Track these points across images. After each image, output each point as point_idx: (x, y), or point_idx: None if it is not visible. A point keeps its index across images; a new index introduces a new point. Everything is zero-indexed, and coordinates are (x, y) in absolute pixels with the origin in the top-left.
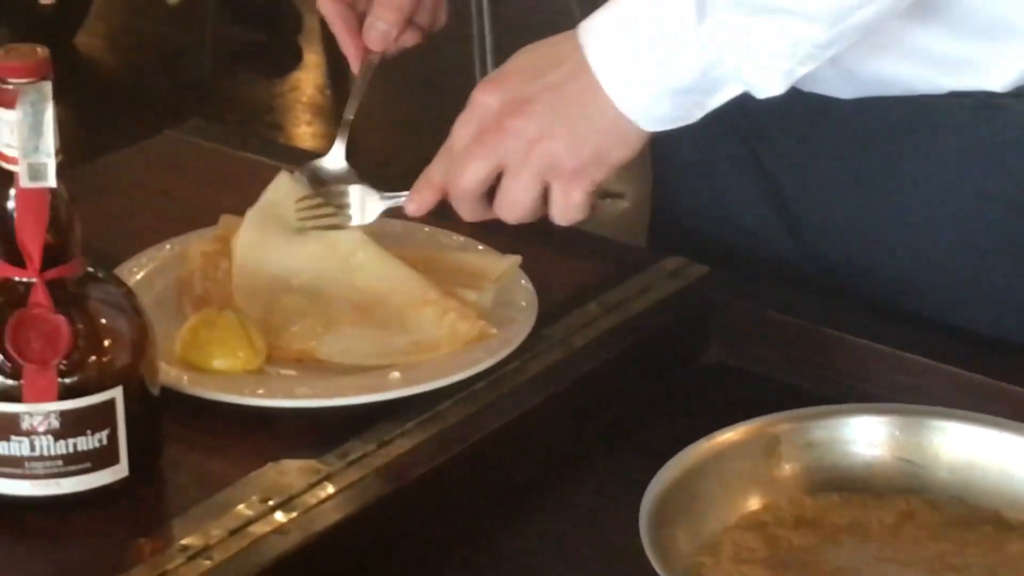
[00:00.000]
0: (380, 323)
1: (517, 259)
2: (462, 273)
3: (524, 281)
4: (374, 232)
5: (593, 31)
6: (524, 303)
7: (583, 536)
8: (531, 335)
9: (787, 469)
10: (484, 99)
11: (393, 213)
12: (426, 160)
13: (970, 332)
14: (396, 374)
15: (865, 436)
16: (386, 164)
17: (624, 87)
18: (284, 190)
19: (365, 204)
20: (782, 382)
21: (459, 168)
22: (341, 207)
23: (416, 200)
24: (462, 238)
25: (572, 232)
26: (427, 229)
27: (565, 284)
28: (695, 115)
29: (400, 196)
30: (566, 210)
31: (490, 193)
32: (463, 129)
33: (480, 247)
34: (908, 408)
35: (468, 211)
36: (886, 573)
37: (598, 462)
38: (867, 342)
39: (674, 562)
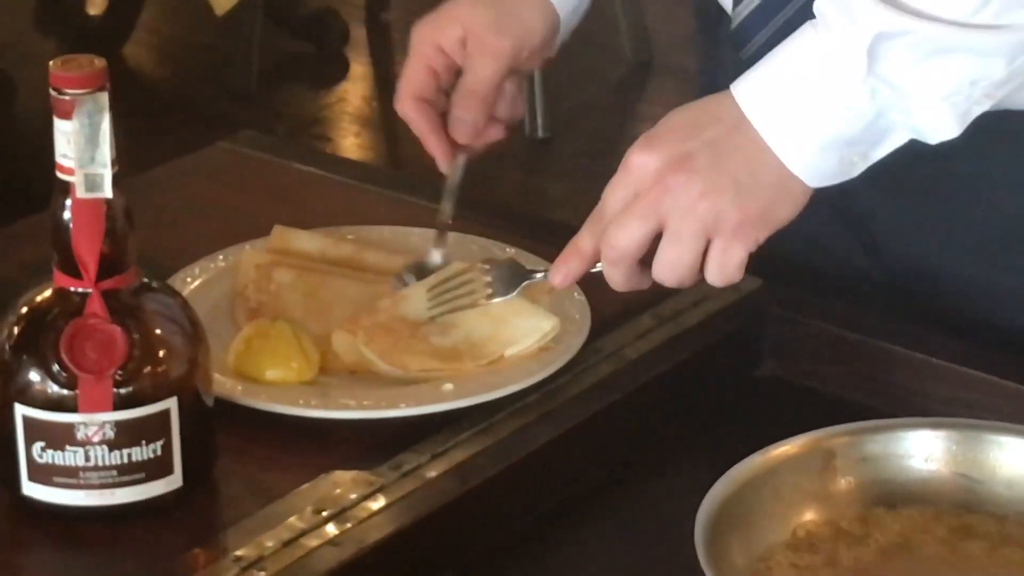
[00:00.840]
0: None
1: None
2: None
3: (577, 294)
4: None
5: (751, 87)
6: (577, 315)
7: (638, 549)
8: (584, 347)
9: (842, 483)
10: (641, 159)
11: (418, 216)
12: (473, 173)
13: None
14: (449, 386)
15: (921, 450)
16: (437, 176)
17: (790, 142)
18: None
19: (508, 279)
20: (837, 396)
21: (617, 229)
22: (480, 285)
23: (563, 271)
24: (514, 250)
25: None
26: (476, 239)
27: (618, 296)
28: (859, 168)
29: (541, 270)
30: (725, 269)
31: (644, 260)
32: (618, 192)
33: (528, 256)
34: (965, 422)
35: (623, 277)
36: None
37: (652, 475)
38: (924, 356)
39: (727, 573)
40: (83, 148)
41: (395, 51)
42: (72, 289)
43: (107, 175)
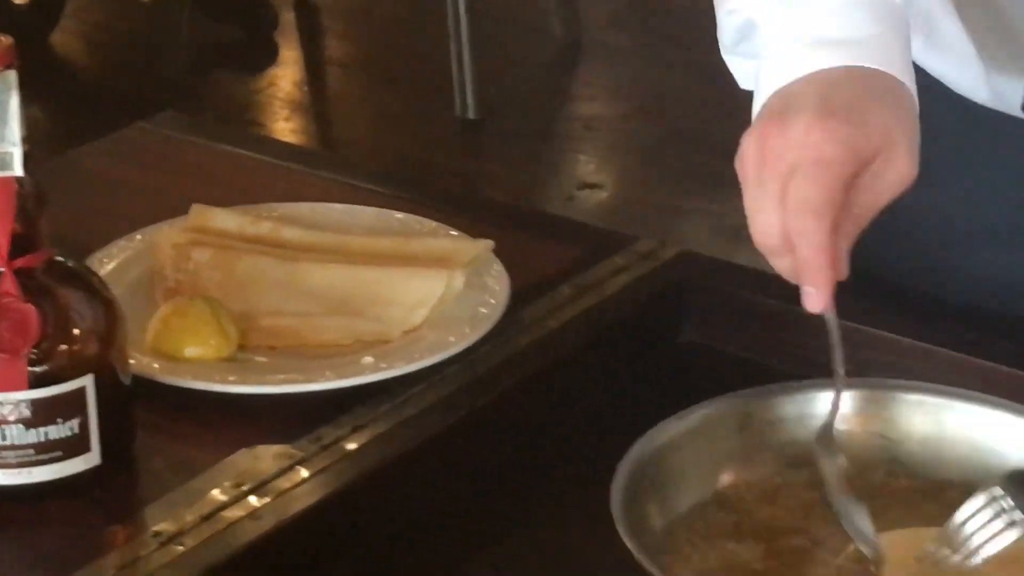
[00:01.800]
0: (355, 309)
1: (489, 243)
2: (433, 258)
3: (496, 265)
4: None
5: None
6: (497, 287)
7: (557, 514)
8: (504, 318)
9: (760, 445)
10: None
11: (363, 199)
12: (405, 155)
13: (942, 307)
14: (369, 358)
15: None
16: (369, 158)
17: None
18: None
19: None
20: (755, 361)
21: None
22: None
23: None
24: (434, 223)
25: (544, 216)
26: (400, 216)
27: (538, 267)
28: None
29: None
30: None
31: None
32: None
33: (452, 232)
34: (878, 382)
35: None
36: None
37: (572, 442)
38: (840, 321)
39: (646, 538)
40: None
41: (324, 35)
42: None
43: (17, 153)
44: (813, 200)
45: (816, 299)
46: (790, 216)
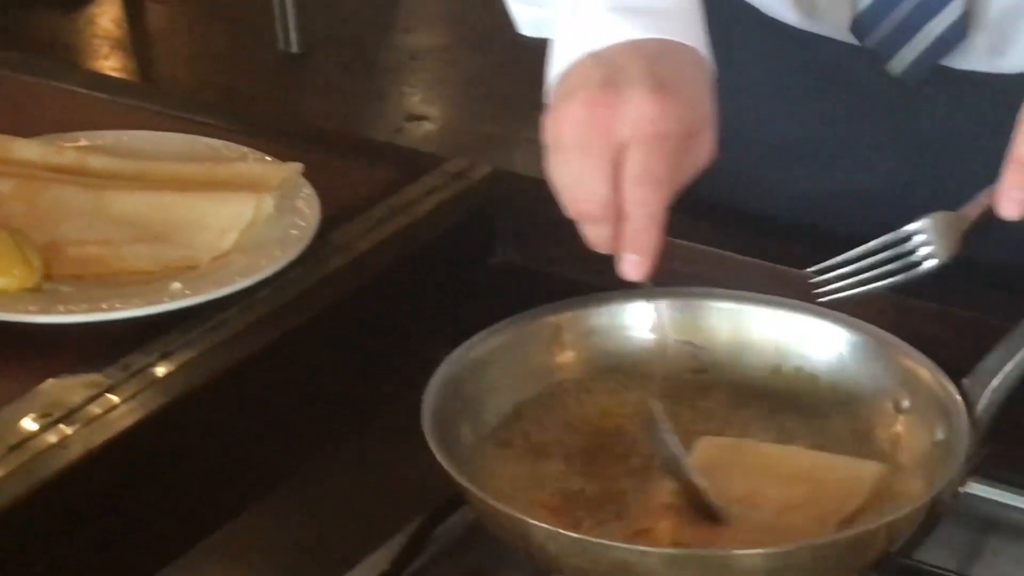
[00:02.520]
0: (162, 236)
1: (298, 166)
2: (242, 183)
3: (307, 188)
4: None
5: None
6: (307, 210)
7: (371, 432)
8: (315, 241)
9: (570, 356)
10: None
11: (174, 127)
12: (229, 91)
13: (747, 218)
14: (177, 285)
15: (643, 320)
16: (193, 95)
17: None
18: None
19: (948, 229)
20: (568, 278)
21: None
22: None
23: (1017, 198)
24: (244, 149)
25: (355, 140)
26: (209, 142)
27: (349, 190)
28: None
29: (978, 201)
30: None
31: None
32: None
33: (262, 157)
34: (684, 291)
35: None
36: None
37: (389, 362)
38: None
39: (457, 452)
40: None
41: None
42: None
43: None
44: (654, 172)
45: (641, 266)
46: (628, 186)
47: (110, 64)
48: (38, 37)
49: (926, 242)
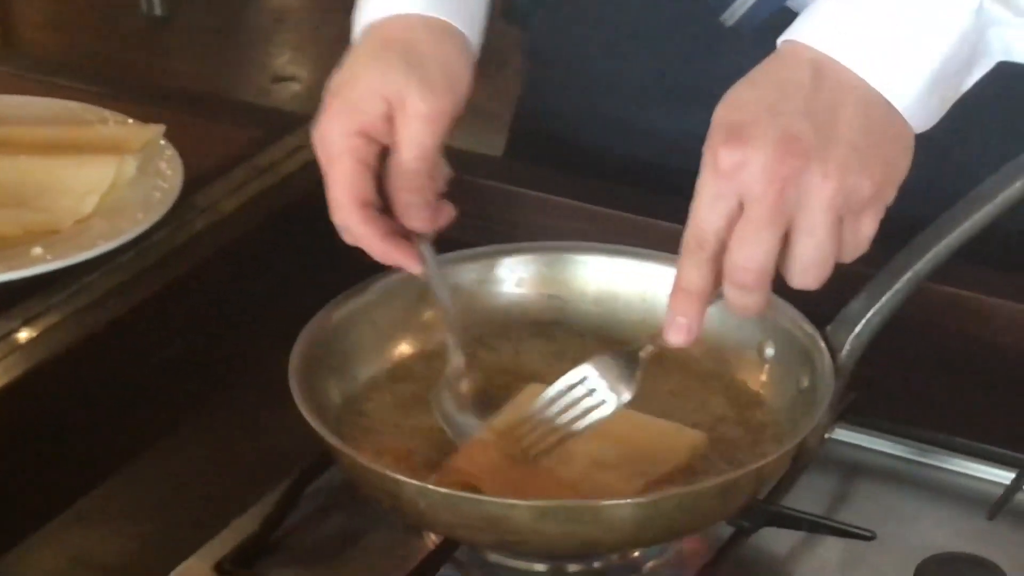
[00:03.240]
0: (22, 200)
1: (160, 128)
2: (104, 147)
3: (169, 150)
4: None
5: (822, 26)
6: (169, 172)
7: (240, 392)
8: (178, 203)
9: (437, 314)
10: (734, 158)
11: (34, 91)
12: (92, 55)
13: (616, 169)
14: (38, 249)
15: (510, 275)
16: (49, 60)
17: (897, 76)
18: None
19: (620, 374)
20: (436, 236)
21: (747, 248)
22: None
23: (683, 325)
24: (106, 112)
25: (218, 100)
26: (69, 105)
27: (212, 151)
28: (949, 103)
29: (646, 347)
30: (859, 245)
31: None
32: (716, 205)
33: (123, 119)
34: (550, 245)
35: (763, 298)
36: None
37: (256, 323)
38: (515, 188)
39: (325, 410)
40: None
41: None
42: None
43: None
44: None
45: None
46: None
47: None
48: None
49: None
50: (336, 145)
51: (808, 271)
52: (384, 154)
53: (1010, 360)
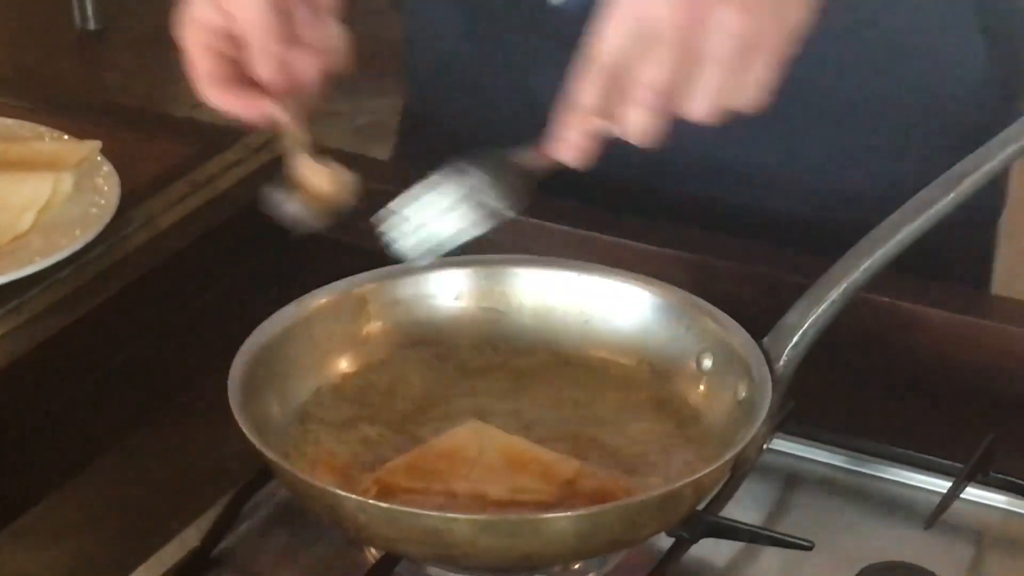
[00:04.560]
0: None
1: (96, 144)
2: (40, 163)
3: (106, 166)
4: None
5: None
6: (106, 187)
7: (179, 408)
8: (116, 219)
9: (377, 327)
10: None
11: None
12: (24, 69)
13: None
14: None
15: (449, 289)
16: None
17: None
18: None
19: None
20: (375, 249)
21: (650, 70)
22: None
23: (571, 140)
24: (41, 128)
25: (155, 115)
26: (3, 120)
27: (149, 167)
28: None
29: (530, 153)
30: (752, 87)
31: None
32: (622, 29)
33: (59, 136)
34: (488, 258)
35: (656, 122)
36: (483, 413)
37: (195, 338)
38: None
39: (266, 426)
40: None
41: None
42: None
43: None
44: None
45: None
46: None
47: None
48: None
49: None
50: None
51: (707, 98)
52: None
53: (946, 370)
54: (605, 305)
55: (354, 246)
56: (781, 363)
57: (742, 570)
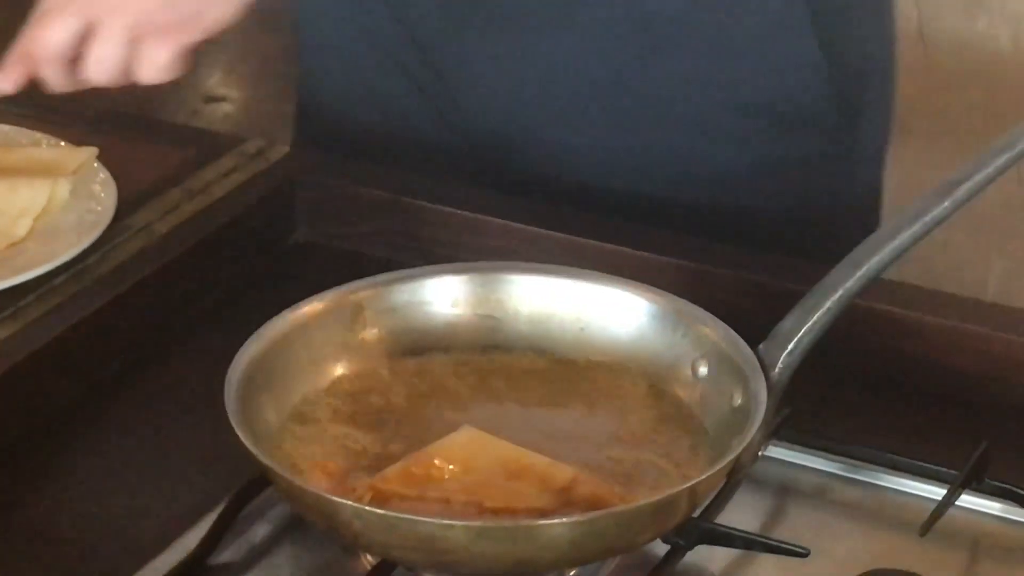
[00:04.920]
0: None
1: (93, 150)
2: (37, 169)
3: (103, 172)
4: None
5: None
6: (103, 194)
7: (176, 417)
8: (113, 226)
9: (373, 334)
10: None
11: None
12: None
13: (565, 193)
14: None
15: (445, 296)
16: None
17: None
18: None
19: None
20: (371, 256)
21: (45, 29)
22: None
23: (5, 76)
24: (38, 134)
25: (152, 122)
26: (1, 128)
27: (146, 173)
28: None
29: None
30: (152, 68)
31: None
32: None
33: (56, 142)
34: (485, 265)
35: (57, 78)
36: (478, 420)
37: (188, 347)
38: (450, 209)
39: (262, 433)
40: None
41: None
42: None
43: None
44: None
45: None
46: None
47: None
48: None
49: None
50: None
51: (98, 66)
52: None
53: (941, 377)
54: (601, 312)
55: (351, 252)
56: (777, 370)
57: None
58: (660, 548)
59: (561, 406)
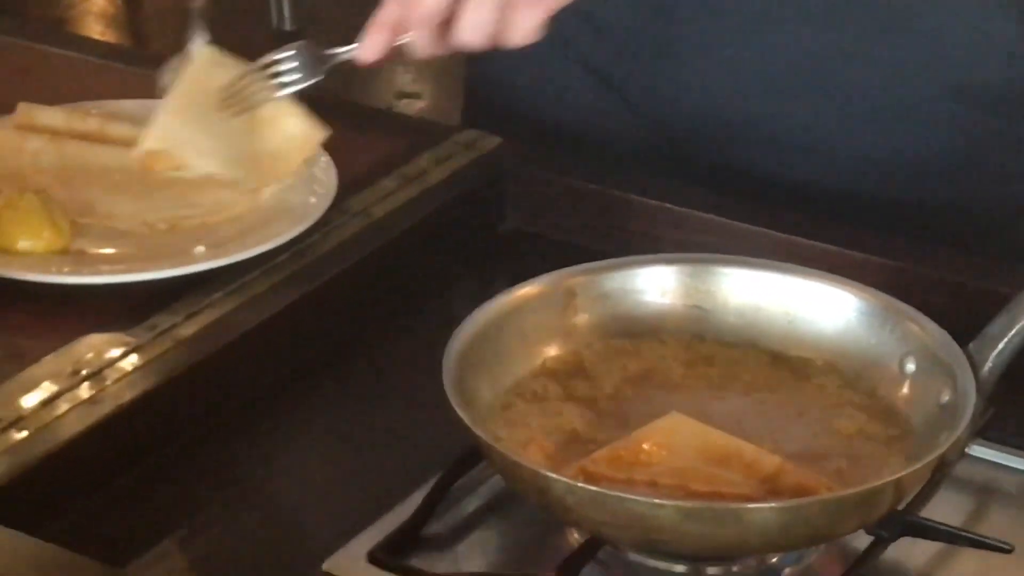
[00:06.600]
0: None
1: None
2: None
3: (324, 157)
4: None
5: None
6: (324, 178)
7: (393, 394)
8: (331, 208)
9: (583, 319)
10: None
11: None
12: None
13: (763, 188)
14: (201, 248)
15: (655, 285)
16: None
17: None
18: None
19: (310, 64)
20: (578, 245)
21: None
22: (282, 73)
23: (369, 45)
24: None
25: (368, 110)
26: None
27: (363, 159)
28: None
29: (347, 48)
30: (525, 31)
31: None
32: None
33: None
34: (696, 257)
35: (427, 42)
36: (685, 407)
37: (403, 327)
38: (656, 202)
39: (476, 410)
40: None
41: None
42: None
43: None
44: None
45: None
46: None
47: (105, 40)
48: (36, 14)
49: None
50: None
51: (471, 31)
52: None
53: None
54: (809, 306)
55: (558, 241)
56: (985, 369)
57: (938, 573)
58: (862, 541)
59: (767, 397)
